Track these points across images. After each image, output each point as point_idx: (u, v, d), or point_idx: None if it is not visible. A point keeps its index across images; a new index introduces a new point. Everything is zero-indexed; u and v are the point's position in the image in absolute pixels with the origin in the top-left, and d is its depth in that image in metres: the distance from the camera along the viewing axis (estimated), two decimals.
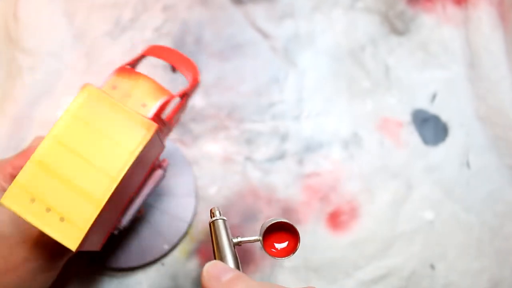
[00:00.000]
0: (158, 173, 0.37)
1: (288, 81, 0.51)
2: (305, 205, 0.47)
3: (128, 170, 0.28)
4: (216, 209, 0.29)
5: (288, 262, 0.45)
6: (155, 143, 0.31)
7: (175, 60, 0.36)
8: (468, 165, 0.49)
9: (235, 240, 0.28)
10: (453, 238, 0.47)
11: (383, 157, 0.49)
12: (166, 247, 0.45)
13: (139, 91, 0.31)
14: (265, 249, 0.28)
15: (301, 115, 0.50)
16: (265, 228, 0.28)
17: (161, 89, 0.32)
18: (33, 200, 0.27)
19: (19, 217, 0.27)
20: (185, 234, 0.46)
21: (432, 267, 0.46)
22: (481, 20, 0.49)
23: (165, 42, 0.50)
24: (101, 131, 0.28)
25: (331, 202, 0.48)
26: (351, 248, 0.46)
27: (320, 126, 0.50)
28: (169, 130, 0.36)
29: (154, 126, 0.29)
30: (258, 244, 0.28)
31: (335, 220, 0.47)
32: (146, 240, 0.45)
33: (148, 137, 0.29)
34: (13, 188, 0.27)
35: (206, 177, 0.47)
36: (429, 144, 0.50)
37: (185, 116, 0.49)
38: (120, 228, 0.36)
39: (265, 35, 0.51)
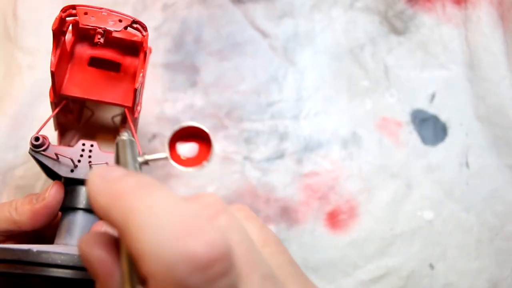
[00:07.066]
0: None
1: (287, 80, 0.51)
2: (304, 204, 0.47)
3: None
4: (125, 130, 0.24)
5: None
6: None
7: None
8: (467, 165, 0.49)
9: (140, 160, 0.23)
10: (453, 238, 0.47)
11: (382, 157, 0.49)
12: None
13: None
14: (172, 160, 0.23)
15: (300, 115, 0.50)
16: (171, 136, 0.24)
17: None
18: None
19: None
20: None
21: (432, 267, 0.46)
22: (480, 20, 0.49)
23: (165, 41, 0.50)
24: None
25: (330, 201, 0.47)
26: (350, 248, 0.46)
27: (319, 126, 0.50)
28: None
29: None
30: None
31: (334, 219, 0.47)
32: None
33: None
34: None
35: (204, 176, 0.47)
36: (428, 144, 0.50)
37: (184, 116, 0.49)
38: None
39: (264, 34, 0.51)
